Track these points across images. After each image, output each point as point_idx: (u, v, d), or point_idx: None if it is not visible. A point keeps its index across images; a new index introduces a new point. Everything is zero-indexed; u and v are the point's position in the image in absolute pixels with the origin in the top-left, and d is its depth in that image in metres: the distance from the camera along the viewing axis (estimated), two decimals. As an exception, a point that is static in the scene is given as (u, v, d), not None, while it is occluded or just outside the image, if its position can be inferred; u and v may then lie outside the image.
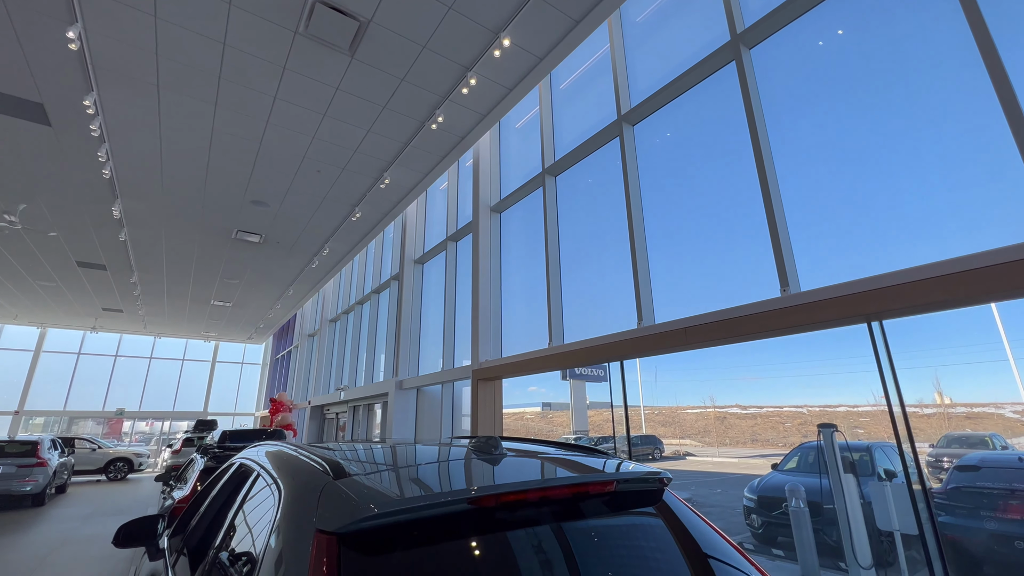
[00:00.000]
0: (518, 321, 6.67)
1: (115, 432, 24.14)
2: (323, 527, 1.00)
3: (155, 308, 16.77)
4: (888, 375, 2.73)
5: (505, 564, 1.07)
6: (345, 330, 14.48)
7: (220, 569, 1.35)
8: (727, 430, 23.20)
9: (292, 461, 1.42)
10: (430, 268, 9.72)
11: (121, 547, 2.32)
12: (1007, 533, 5.04)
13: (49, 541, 7.06)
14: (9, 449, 10.20)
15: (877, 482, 5.67)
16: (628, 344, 4.10)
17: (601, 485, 1.33)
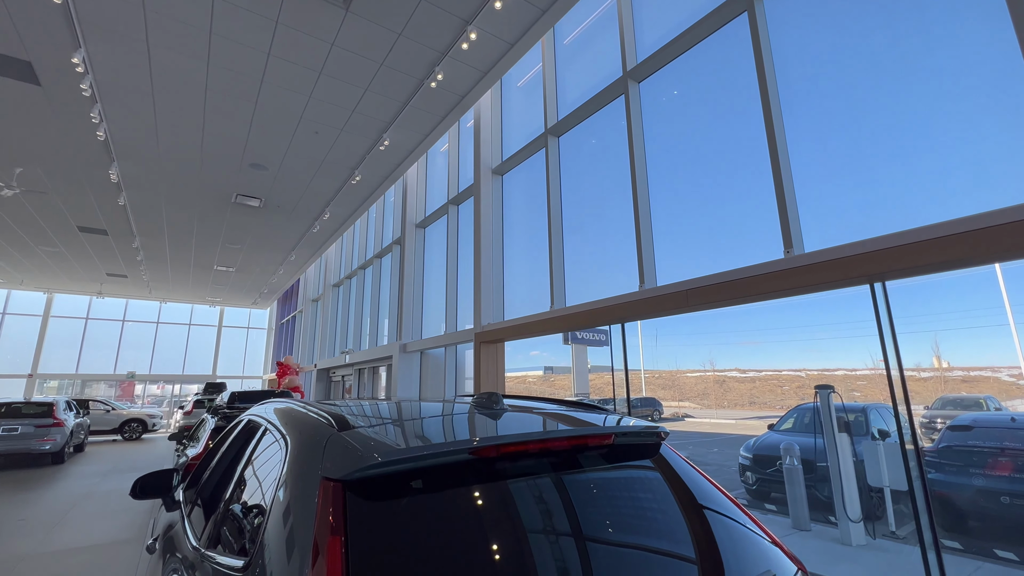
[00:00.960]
0: (520, 284, 6.68)
1: (127, 395, 24.76)
2: (329, 475, 1.03)
3: (159, 273, 16.84)
4: (888, 337, 2.75)
5: (506, 513, 1.11)
6: (348, 294, 14.56)
7: (232, 517, 1.40)
8: (726, 393, 23.62)
9: (298, 415, 1.45)
10: (432, 232, 9.66)
11: (138, 499, 2.41)
12: (994, 489, 5.20)
13: (71, 496, 7.37)
14: (26, 410, 10.50)
15: (870, 441, 5.81)
16: (629, 306, 4.12)
17: (600, 438, 1.36)
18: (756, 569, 1.25)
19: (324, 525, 0.93)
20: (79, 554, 4.75)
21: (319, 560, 0.87)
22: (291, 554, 0.94)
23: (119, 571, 4.27)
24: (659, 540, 1.25)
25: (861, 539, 5.26)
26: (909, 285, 3.04)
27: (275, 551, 0.99)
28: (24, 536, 5.33)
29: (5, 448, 9.56)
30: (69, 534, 5.40)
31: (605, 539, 1.16)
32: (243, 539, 1.20)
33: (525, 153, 6.69)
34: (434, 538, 0.99)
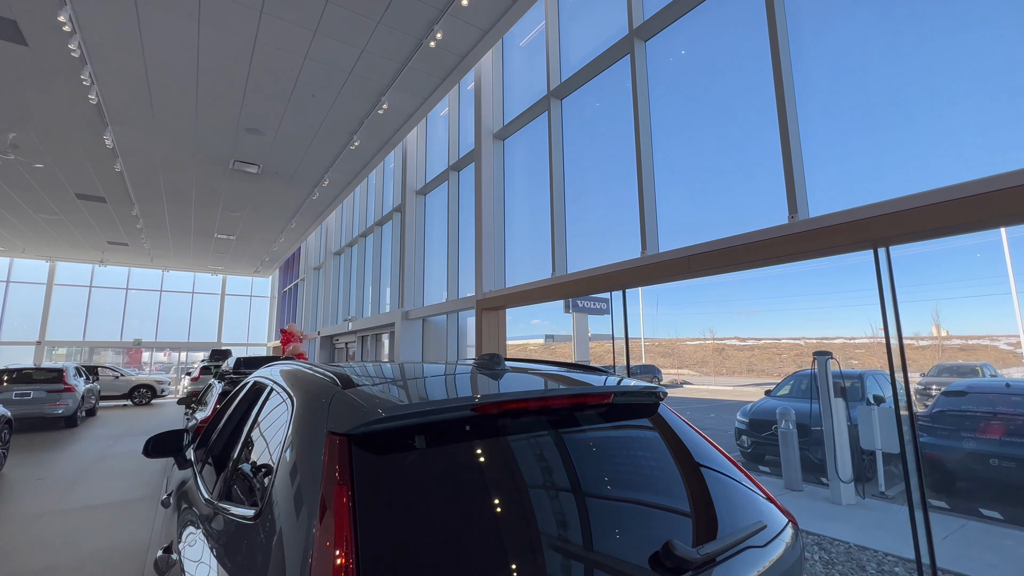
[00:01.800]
0: (522, 251, 6.65)
1: (135, 362, 25.18)
2: (334, 430, 1.06)
3: (160, 241, 16.80)
4: (889, 303, 2.75)
5: (507, 468, 1.14)
6: (350, 262, 14.56)
7: (242, 471, 1.45)
8: (724, 361, 24.04)
9: (303, 375, 1.48)
10: (432, 199, 9.56)
11: (150, 457, 2.49)
12: (983, 452, 5.33)
13: (86, 457, 7.60)
14: (37, 376, 10.72)
15: (865, 406, 5.92)
16: (631, 273, 4.11)
17: (600, 397, 1.39)
18: (748, 520, 1.29)
19: (331, 477, 0.96)
20: (97, 511, 4.94)
21: (327, 509, 0.90)
22: (300, 504, 0.97)
23: (136, 525, 4.45)
24: (656, 495, 1.29)
25: (851, 499, 5.43)
26: (913, 254, 3.01)
27: (284, 501, 1.02)
28: (43, 494, 5.53)
29: (19, 412, 9.80)
30: (86, 493, 5.61)
31: (603, 494, 1.20)
32: (253, 491, 1.24)
33: (527, 117, 6.54)
34: (437, 491, 1.02)
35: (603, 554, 1.04)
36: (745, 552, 1.20)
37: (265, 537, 1.00)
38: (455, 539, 0.92)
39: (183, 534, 1.50)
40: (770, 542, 1.28)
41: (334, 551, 0.83)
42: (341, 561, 0.81)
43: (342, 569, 0.80)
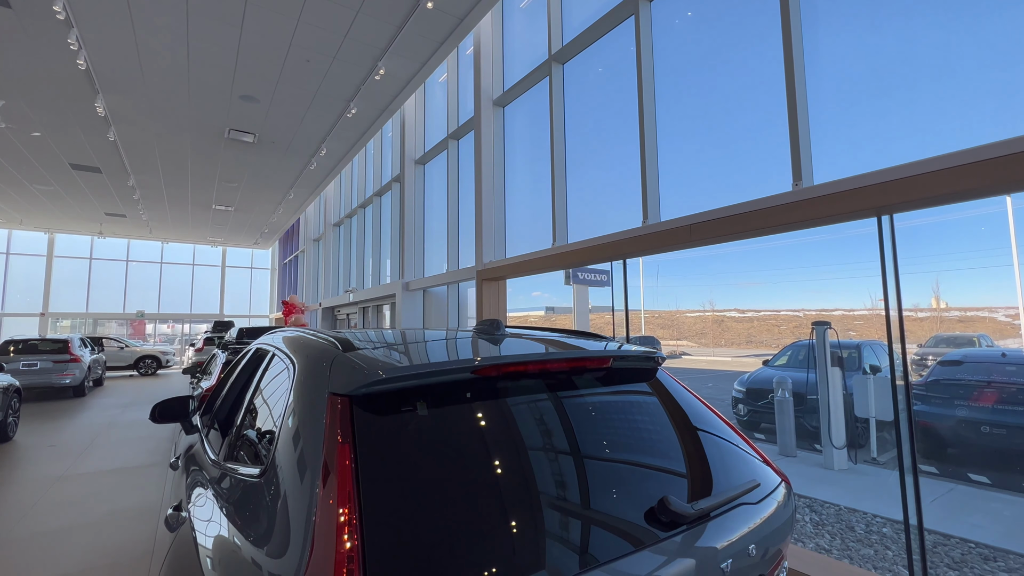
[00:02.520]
0: (522, 221, 6.60)
1: (139, 334, 25.40)
2: (336, 390, 1.07)
3: (158, 213, 16.67)
4: (890, 271, 2.73)
5: (506, 430, 1.15)
6: (350, 233, 14.48)
7: (246, 433, 1.48)
8: (723, 332, 24.30)
9: (305, 340, 1.49)
10: (432, 168, 9.42)
11: (157, 422, 2.54)
12: (976, 419, 5.42)
13: (96, 425, 7.77)
14: (43, 347, 10.84)
15: (861, 376, 5.99)
16: (632, 242, 4.09)
17: (599, 360, 1.40)
18: (743, 480, 1.33)
19: (333, 436, 0.98)
20: (109, 475, 5.08)
21: (330, 467, 0.92)
22: (303, 462, 0.99)
23: (148, 489, 4.59)
24: (653, 456, 1.31)
25: (843, 464, 5.56)
26: (917, 226, 2.98)
27: (288, 460, 1.05)
28: (56, 460, 5.68)
29: (27, 382, 9.95)
30: (98, 458, 5.75)
31: (601, 455, 1.22)
32: (258, 452, 1.27)
33: (528, 83, 6.36)
34: (437, 450, 1.04)
35: (600, 512, 1.07)
36: (739, 508, 1.23)
37: (270, 494, 1.03)
38: (455, 497, 0.94)
39: (191, 494, 1.55)
40: (763, 499, 1.31)
41: (337, 508, 0.85)
42: (344, 517, 0.83)
43: (345, 525, 0.83)
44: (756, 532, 1.21)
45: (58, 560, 3.19)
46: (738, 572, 1.13)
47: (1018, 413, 5.16)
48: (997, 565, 3.30)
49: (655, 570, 0.97)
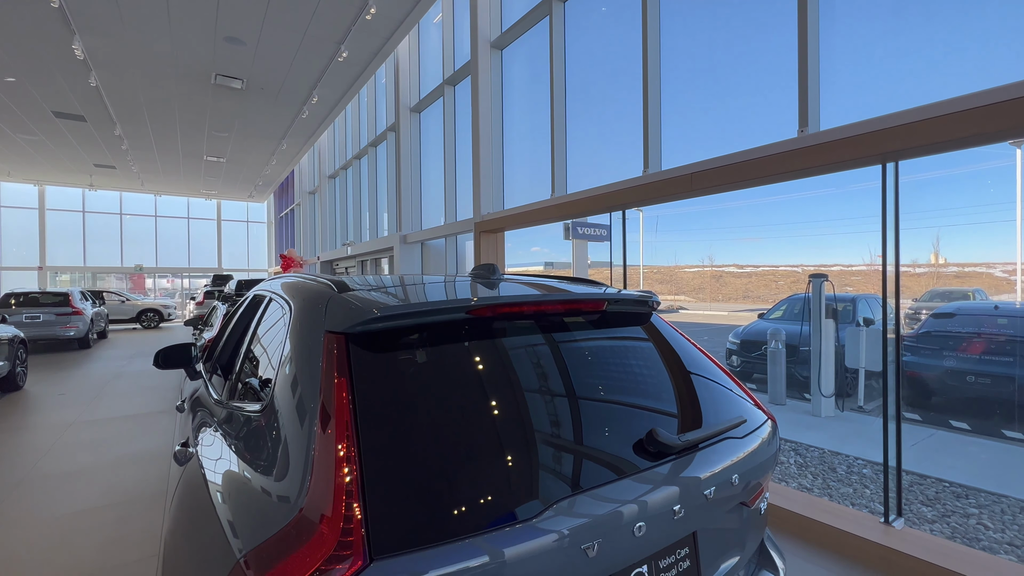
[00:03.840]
0: (521, 172, 6.47)
1: (139, 288, 25.47)
2: (332, 328, 1.08)
3: (148, 165, 16.28)
4: (891, 220, 2.71)
5: (501, 370, 1.17)
6: (345, 186, 14.22)
7: (247, 373, 1.51)
8: (721, 288, 24.61)
9: (301, 284, 1.49)
10: (428, 117, 9.12)
11: (161, 368, 2.59)
12: (962, 369, 5.56)
13: (103, 375, 7.94)
14: (44, 300, 10.89)
15: (854, 328, 6.08)
16: (632, 192, 4.02)
17: (594, 303, 1.41)
18: (730, 416, 1.37)
19: (330, 372, 1.00)
20: (120, 421, 5.25)
21: (328, 401, 0.94)
22: (302, 397, 1.02)
23: (158, 434, 4.75)
24: (644, 395, 1.35)
25: (830, 412, 5.75)
26: (921, 180, 2.91)
27: (287, 396, 1.07)
28: (67, 408, 5.84)
29: (32, 334, 10.07)
30: (107, 406, 5.92)
31: (594, 394, 1.25)
32: (258, 390, 1.30)
33: (527, 22, 6.04)
34: (432, 388, 1.06)
35: (592, 444, 1.11)
36: (725, 442, 1.28)
37: (271, 428, 1.06)
38: (450, 430, 0.97)
39: (197, 431, 1.60)
40: (748, 434, 1.36)
41: (335, 441, 0.87)
42: (343, 449, 0.86)
43: (344, 455, 0.85)
44: (740, 464, 1.27)
45: (78, 498, 3.35)
46: (721, 500, 1.20)
47: (1004, 363, 5.29)
48: (968, 502, 3.49)
49: (641, 496, 1.03)
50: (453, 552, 0.80)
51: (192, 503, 1.22)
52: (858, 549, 2.57)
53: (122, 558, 2.61)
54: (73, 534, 2.86)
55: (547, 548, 0.87)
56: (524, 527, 0.87)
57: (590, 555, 0.92)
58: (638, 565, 1.05)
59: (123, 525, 2.96)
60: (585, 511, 0.95)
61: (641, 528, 1.00)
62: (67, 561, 2.59)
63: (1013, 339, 5.37)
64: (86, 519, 3.04)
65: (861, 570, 2.47)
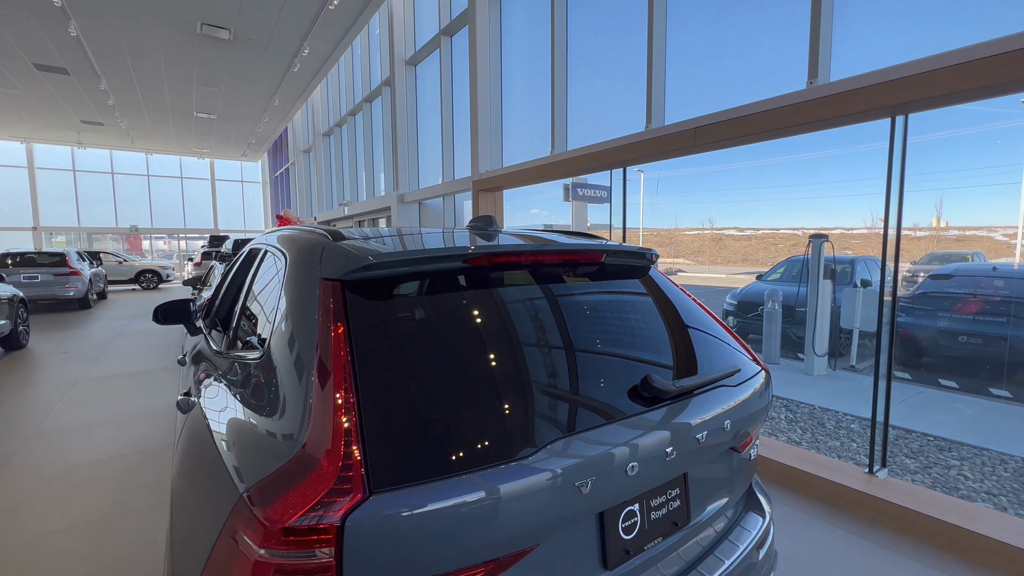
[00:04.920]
0: (520, 129, 6.30)
1: (136, 249, 25.34)
2: (327, 276, 1.08)
3: (137, 122, 15.82)
4: (896, 177, 2.66)
5: (498, 319, 1.18)
6: (340, 144, 13.89)
7: (245, 324, 1.52)
8: (721, 251, 24.57)
9: (295, 235, 1.47)
10: (424, 70, 8.79)
11: (160, 324, 2.60)
12: (955, 329, 5.63)
13: (105, 334, 8.01)
14: (40, 260, 10.83)
15: (851, 288, 6.11)
16: (634, 147, 3.93)
17: (592, 255, 1.40)
18: (726, 366, 1.39)
19: (326, 317, 1.00)
20: (124, 378, 5.34)
21: (325, 347, 0.95)
22: (299, 343, 1.02)
23: (162, 390, 4.84)
24: (641, 345, 1.36)
25: (823, 371, 5.86)
26: (927, 141, 2.82)
27: (285, 343, 1.08)
28: (72, 365, 5.93)
29: (31, 295, 10.08)
30: (111, 363, 6.00)
31: (590, 343, 1.26)
32: (256, 338, 1.31)
33: (527, -33, 5.73)
34: (429, 335, 1.07)
35: (587, 390, 1.13)
36: (719, 389, 1.30)
37: (270, 374, 1.07)
38: (446, 377, 0.98)
39: (199, 381, 1.63)
40: (742, 384, 1.38)
41: (334, 385, 0.88)
42: (341, 392, 0.87)
43: (343, 398, 0.86)
44: (733, 411, 1.29)
45: (89, 449, 3.45)
46: (712, 444, 1.23)
47: (997, 324, 5.35)
48: (950, 454, 3.61)
49: (635, 438, 1.05)
50: (450, 487, 0.83)
51: (196, 447, 1.25)
52: (842, 497, 2.68)
53: (135, 504, 2.71)
54: (87, 482, 2.96)
55: (541, 484, 0.90)
56: (519, 465, 0.90)
57: (583, 492, 0.95)
58: (630, 503, 1.09)
59: (134, 474, 3.07)
60: (579, 451, 0.98)
61: (634, 468, 1.03)
62: (83, 506, 2.69)
63: (1008, 299, 5.41)
64: (98, 468, 3.14)
65: (844, 516, 2.59)
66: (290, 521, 0.76)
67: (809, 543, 2.36)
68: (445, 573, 0.83)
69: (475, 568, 0.86)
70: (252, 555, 0.78)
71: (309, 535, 0.76)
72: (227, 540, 0.86)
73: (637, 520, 1.11)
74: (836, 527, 2.48)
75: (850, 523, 2.51)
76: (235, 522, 0.85)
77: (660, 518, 1.16)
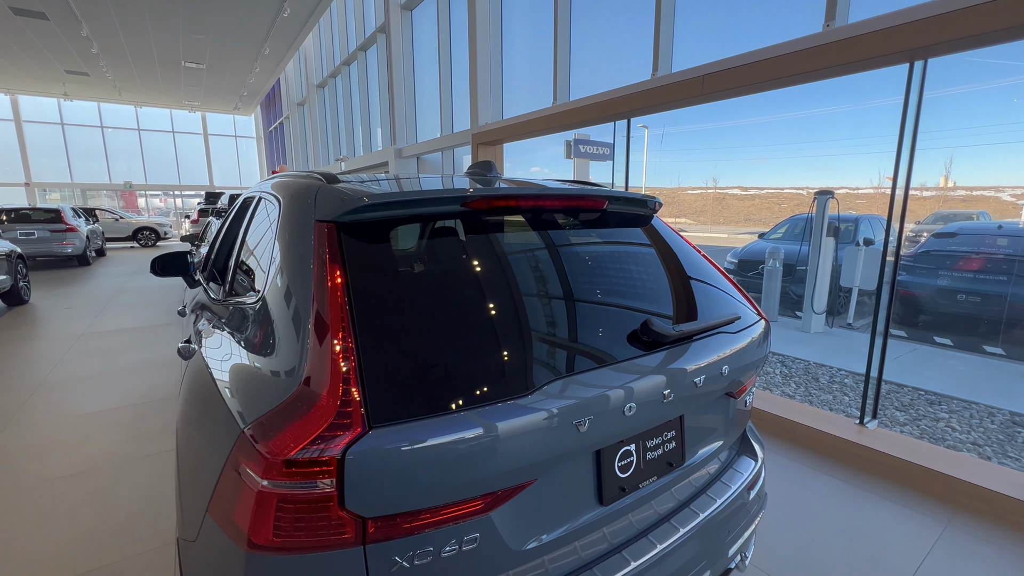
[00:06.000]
0: (521, 79, 6.06)
1: (131, 206, 25.04)
2: (322, 218, 1.05)
3: (123, 72, 15.23)
4: (910, 129, 2.57)
5: (497, 264, 1.15)
6: (335, 96, 13.43)
7: (241, 270, 1.51)
8: (723, 210, 24.36)
9: (289, 180, 1.44)
10: (420, 15, 8.36)
11: (158, 275, 2.59)
12: (954, 288, 5.63)
13: (107, 291, 8.03)
14: (36, 216, 10.71)
15: (854, 247, 6.07)
16: (639, 97, 3.78)
17: (594, 201, 1.36)
18: (726, 313, 1.38)
19: (322, 258, 0.98)
20: (128, 332, 5.39)
21: (321, 286, 0.93)
22: (296, 284, 1.01)
23: (165, 343, 4.90)
24: (642, 293, 1.35)
25: (820, 328, 5.91)
26: (940, 96, 2.68)
27: (282, 284, 1.06)
28: (76, 319, 5.97)
29: (28, 251, 10.03)
30: (115, 318, 6.05)
31: (591, 290, 1.25)
32: (253, 283, 1.30)
33: (530, -102, 5.32)
34: (427, 279, 1.05)
35: (587, 335, 1.13)
36: (718, 336, 1.30)
37: (268, 317, 1.06)
38: (444, 320, 0.97)
39: (198, 328, 1.63)
40: (741, 331, 1.38)
41: (331, 332, 0.87)
42: (338, 336, 0.86)
43: (340, 343, 0.86)
44: (731, 358, 1.30)
45: (96, 399, 3.52)
46: (709, 389, 1.24)
47: (997, 282, 5.34)
48: (940, 408, 3.70)
49: (633, 380, 1.06)
50: (447, 423, 0.83)
51: (198, 390, 1.27)
52: (832, 447, 2.76)
53: (144, 450, 2.80)
54: (96, 430, 3.04)
55: (539, 422, 0.91)
56: (517, 403, 0.91)
57: (580, 430, 0.96)
58: (627, 443, 1.11)
59: (142, 422, 3.14)
60: (577, 391, 0.98)
61: (631, 409, 1.04)
62: (93, 452, 2.77)
63: (1011, 258, 5.38)
64: (106, 417, 3.22)
65: (834, 464, 2.67)
66: (291, 454, 0.77)
67: (798, 488, 2.44)
68: (444, 504, 0.85)
69: (473, 500, 0.89)
70: (255, 486, 0.80)
71: (311, 467, 0.77)
72: (231, 473, 0.88)
73: (633, 460, 1.13)
74: (825, 474, 2.56)
75: (839, 471, 2.60)
76: (237, 457, 0.86)
77: (656, 458, 1.18)
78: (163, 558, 1.95)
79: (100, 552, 1.98)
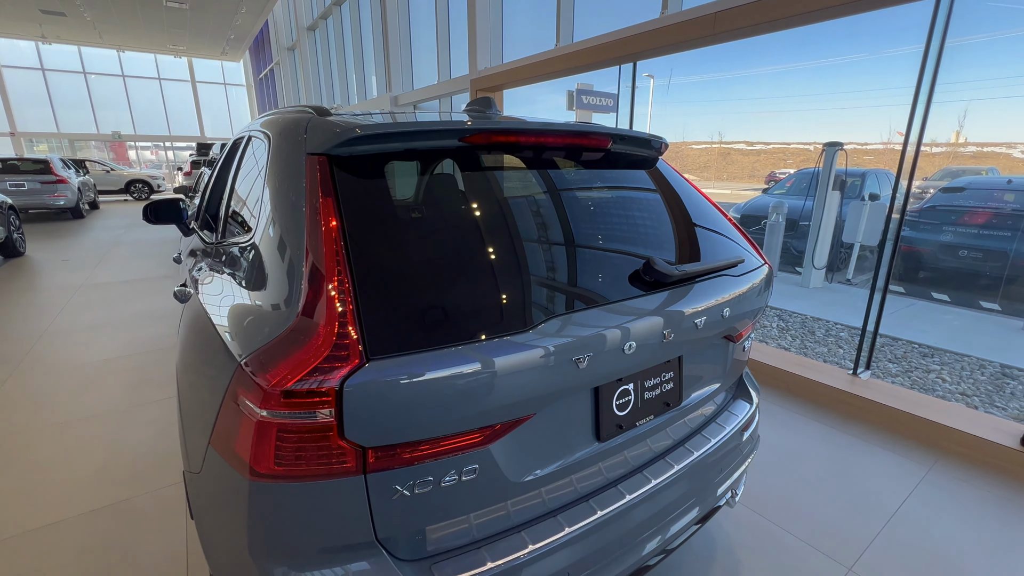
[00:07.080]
0: (522, 20, 5.74)
1: (122, 158, 24.46)
2: (313, 150, 1.00)
3: (102, 12, 14.42)
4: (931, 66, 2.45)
5: (496, 203, 1.11)
6: (327, 39, 12.79)
7: (234, 211, 1.46)
8: (728, 166, 23.98)
9: (279, 117, 1.37)
10: (415, -50, 7.82)
11: (151, 223, 2.54)
12: (957, 244, 5.59)
13: (102, 243, 7.96)
14: (24, 167, 10.43)
15: (859, 202, 5.97)
16: (647, 38, 3.59)
17: (598, 139, 1.30)
18: (729, 257, 1.36)
19: (314, 191, 0.94)
20: (126, 284, 5.38)
21: (315, 219, 0.90)
22: (289, 219, 0.98)
23: (163, 293, 4.90)
24: (646, 235, 1.32)
25: (819, 283, 5.92)
26: (961, 45, 2.52)
27: (275, 220, 1.03)
28: (72, 272, 5.95)
29: (20, 203, 9.85)
30: (111, 271, 6.02)
31: (593, 231, 1.21)
32: (246, 222, 1.26)
33: None
34: (424, 213, 1.02)
35: (587, 276, 1.10)
36: (721, 278, 1.29)
37: (260, 253, 1.04)
38: (442, 254, 0.95)
39: (193, 271, 1.61)
40: (744, 275, 1.37)
41: (326, 264, 0.85)
42: (333, 269, 0.84)
43: (335, 274, 0.83)
44: (733, 301, 1.29)
45: (98, 348, 3.56)
46: (709, 331, 1.24)
47: (1001, 238, 5.30)
48: (932, 360, 3.75)
49: (634, 319, 1.05)
50: (446, 356, 0.83)
51: (195, 330, 1.26)
52: (825, 396, 2.81)
53: (147, 397, 2.85)
54: (99, 378, 3.09)
55: (537, 357, 0.91)
56: (516, 338, 0.90)
57: (580, 367, 0.96)
58: (625, 382, 1.12)
59: (144, 371, 3.19)
60: (577, 329, 0.97)
61: (631, 347, 1.03)
62: (98, 399, 2.82)
63: (1017, 213, 5.31)
64: (110, 365, 3.26)
65: (826, 412, 2.73)
66: (289, 384, 0.76)
67: (790, 434, 2.51)
68: (443, 436, 0.86)
69: (472, 433, 0.89)
70: (254, 417, 0.80)
71: (309, 397, 0.77)
72: (230, 405, 0.88)
73: (631, 398, 1.14)
74: (817, 422, 2.63)
75: (831, 419, 2.66)
76: (236, 389, 0.86)
77: (653, 398, 1.19)
78: (175, 494, 2.02)
79: (114, 489, 2.05)
